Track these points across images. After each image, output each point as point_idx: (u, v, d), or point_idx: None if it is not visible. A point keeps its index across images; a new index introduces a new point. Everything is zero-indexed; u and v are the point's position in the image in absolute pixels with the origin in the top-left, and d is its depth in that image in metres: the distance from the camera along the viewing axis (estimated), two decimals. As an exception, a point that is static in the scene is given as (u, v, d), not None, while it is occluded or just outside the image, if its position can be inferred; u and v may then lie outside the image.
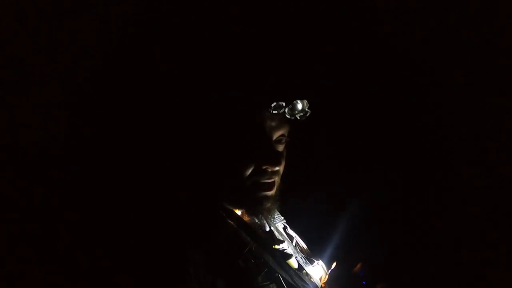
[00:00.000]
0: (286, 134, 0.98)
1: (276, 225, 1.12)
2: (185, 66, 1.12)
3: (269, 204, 0.98)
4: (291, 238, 1.14)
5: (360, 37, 1.56)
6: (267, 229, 1.07)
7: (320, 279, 1.06)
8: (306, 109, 0.95)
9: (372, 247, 1.53)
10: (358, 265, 1.00)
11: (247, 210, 0.99)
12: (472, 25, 1.47)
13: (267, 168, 0.94)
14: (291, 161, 1.03)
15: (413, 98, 1.63)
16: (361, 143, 1.66)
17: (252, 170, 0.93)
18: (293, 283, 0.94)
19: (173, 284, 0.83)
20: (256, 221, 1.05)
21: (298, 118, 0.95)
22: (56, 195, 1.16)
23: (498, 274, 1.49)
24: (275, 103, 0.90)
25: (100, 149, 1.21)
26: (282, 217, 1.16)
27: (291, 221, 1.19)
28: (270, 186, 0.96)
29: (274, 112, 0.91)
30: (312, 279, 1.02)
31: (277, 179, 0.98)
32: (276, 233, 1.08)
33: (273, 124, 0.94)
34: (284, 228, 1.16)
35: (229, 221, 0.96)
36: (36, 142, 1.15)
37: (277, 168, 0.95)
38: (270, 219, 1.09)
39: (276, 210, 1.11)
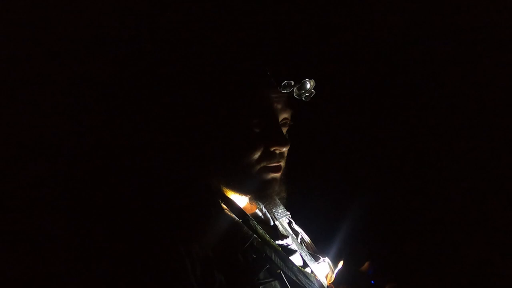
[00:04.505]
0: (289, 118, 0.97)
1: (280, 219, 1.08)
2: (185, 65, 1.12)
3: (277, 187, 0.96)
4: (296, 233, 1.11)
5: (359, 37, 1.57)
6: (271, 223, 1.04)
7: (326, 277, 1.02)
8: (312, 90, 0.94)
9: (380, 246, 1.53)
10: (366, 264, 0.97)
11: (254, 196, 0.96)
12: (472, 25, 1.47)
13: (276, 149, 0.93)
14: (297, 157, 1.02)
15: (413, 98, 1.63)
16: (361, 143, 1.67)
17: (260, 153, 0.91)
18: (296, 280, 0.91)
19: (169, 280, 0.78)
20: (260, 214, 1.03)
21: (304, 98, 0.94)
22: (56, 195, 1.16)
23: (498, 274, 1.49)
24: (285, 82, 0.89)
25: (100, 149, 1.21)
26: (287, 212, 1.12)
27: (296, 216, 1.16)
28: (277, 168, 0.95)
29: (283, 91, 0.90)
30: (317, 277, 0.98)
31: (282, 163, 0.96)
32: (280, 228, 1.05)
33: (279, 106, 0.93)
34: (289, 223, 1.13)
35: (230, 213, 0.93)
36: (36, 142, 1.15)
37: (285, 149, 0.94)
38: (274, 213, 1.06)
39: (281, 204, 1.10)
